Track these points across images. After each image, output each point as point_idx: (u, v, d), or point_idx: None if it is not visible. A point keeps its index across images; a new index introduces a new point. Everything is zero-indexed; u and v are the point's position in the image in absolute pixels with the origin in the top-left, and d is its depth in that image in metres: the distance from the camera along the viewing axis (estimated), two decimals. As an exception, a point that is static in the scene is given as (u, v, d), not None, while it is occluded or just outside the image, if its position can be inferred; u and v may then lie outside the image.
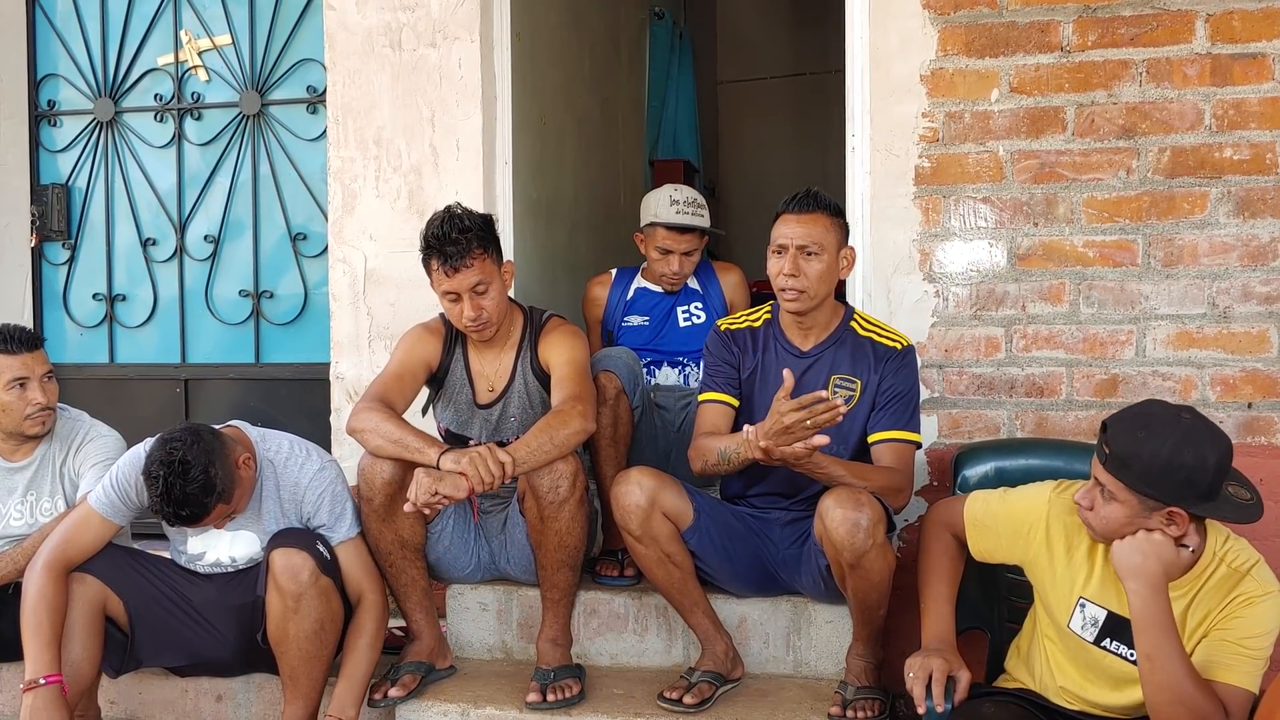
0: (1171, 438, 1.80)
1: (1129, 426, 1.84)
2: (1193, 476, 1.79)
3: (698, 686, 2.43)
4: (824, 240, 2.42)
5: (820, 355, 2.52)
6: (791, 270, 2.41)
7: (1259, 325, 2.75)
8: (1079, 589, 2.00)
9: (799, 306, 2.45)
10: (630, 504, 2.38)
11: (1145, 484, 1.80)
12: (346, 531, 2.51)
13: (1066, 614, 2.01)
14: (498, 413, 2.68)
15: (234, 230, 3.74)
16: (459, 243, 2.46)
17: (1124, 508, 1.84)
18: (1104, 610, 1.97)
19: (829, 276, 2.44)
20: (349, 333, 3.30)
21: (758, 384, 2.55)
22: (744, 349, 2.58)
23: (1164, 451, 1.79)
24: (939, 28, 2.87)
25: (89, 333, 3.88)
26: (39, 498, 2.78)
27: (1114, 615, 1.95)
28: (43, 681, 2.28)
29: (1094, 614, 1.98)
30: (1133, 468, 1.81)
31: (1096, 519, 1.90)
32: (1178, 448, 1.79)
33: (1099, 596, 1.98)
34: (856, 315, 2.57)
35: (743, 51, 7.12)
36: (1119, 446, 1.83)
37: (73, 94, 3.85)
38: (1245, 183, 2.74)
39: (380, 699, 2.49)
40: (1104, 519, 1.88)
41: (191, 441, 2.28)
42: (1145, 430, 1.82)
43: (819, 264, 2.42)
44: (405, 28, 3.23)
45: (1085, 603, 1.99)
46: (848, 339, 2.52)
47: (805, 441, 2.17)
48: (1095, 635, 1.97)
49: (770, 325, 2.59)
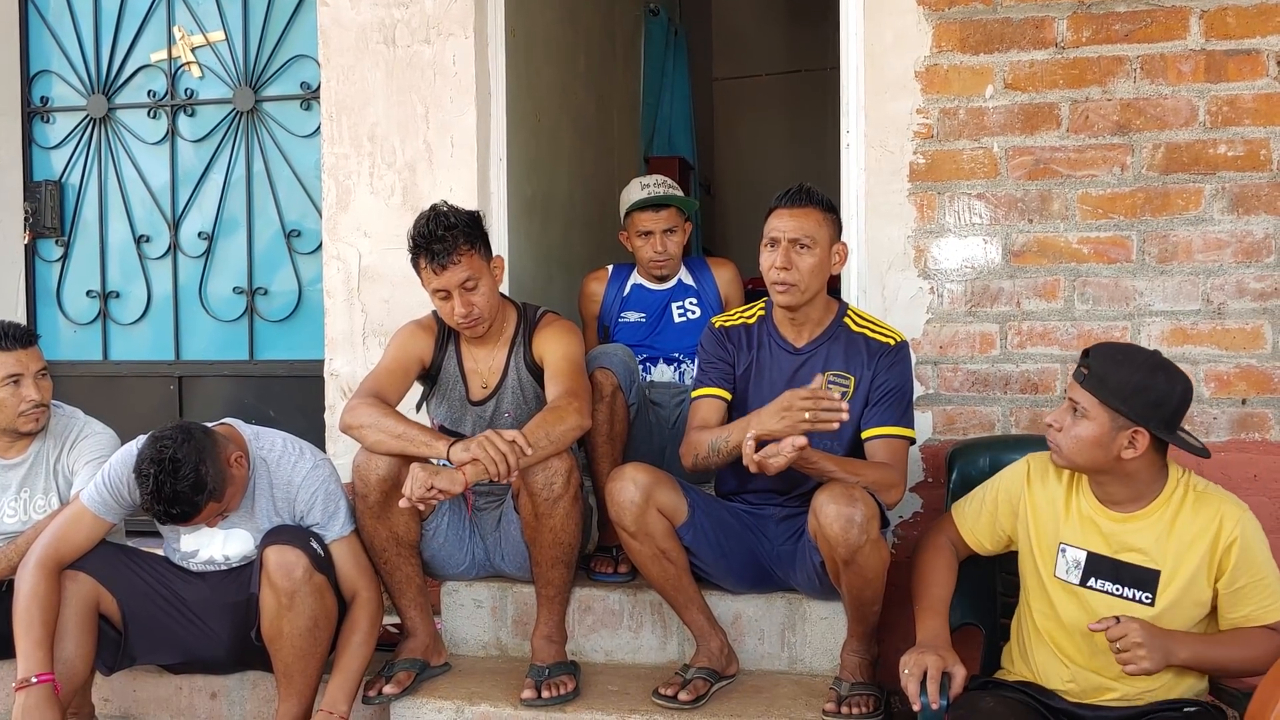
0: (1145, 365, 2.00)
1: (1109, 352, 2.04)
2: (1160, 400, 1.97)
3: (693, 683, 2.43)
4: (816, 234, 2.42)
5: (814, 351, 2.52)
6: (783, 263, 2.41)
7: (1253, 321, 2.75)
8: (1059, 534, 2.12)
9: (790, 300, 2.45)
10: (625, 500, 2.38)
11: (1119, 400, 1.97)
12: (340, 529, 2.50)
13: (1052, 564, 2.12)
14: (491, 409, 2.68)
15: (228, 227, 3.73)
16: (445, 240, 2.46)
17: (1094, 425, 1.99)
18: (1083, 551, 2.09)
19: (820, 271, 2.44)
20: (343, 329, 3.30)
21: (752, 381, 2.55)
22: (738, 346, 2.57)
23: (1138, 374, 1.98)
24: (933, 24, 2.87)
25: (83, 330, 3.87)
26: (33, 495, 2.77)
27: (1093, 555, 2.07)
28: (35, 680, 2.27)
29: (1075, 556, 2.09)
30: (1108, 384, 1.98)
31: (1065, 438, 2.03)
32: (1152, 371, 1.99)
33: (1078, 539, 2.10)
34: (850, 311, 2.57)
35: (738, 48, 7.12)
36: (1099, 366, 2.00)
37: (66, 90, 3.84)
38: (1239, 179, 2.74)
39: (375, 696, 2.49)
40: (1074, 437, 2.02)
41: (183, 440, 2.27)
42: (1123, 355, 2.03)
43: (810, 258, 2.41)
44: (399, 24, 3.22)
45: (1065, 547, 2.11)
46: (841, 335, 2.52)
47: (792, 441, 2.17)
48: (1080, 577, 2.08)
49: (764, 322, 2.58)
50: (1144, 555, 2.02)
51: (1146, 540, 2.03)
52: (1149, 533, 2.03)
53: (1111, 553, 2.05)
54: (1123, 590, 2.03)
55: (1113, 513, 2.06)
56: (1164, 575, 2.01)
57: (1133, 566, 2.03)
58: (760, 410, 2.30)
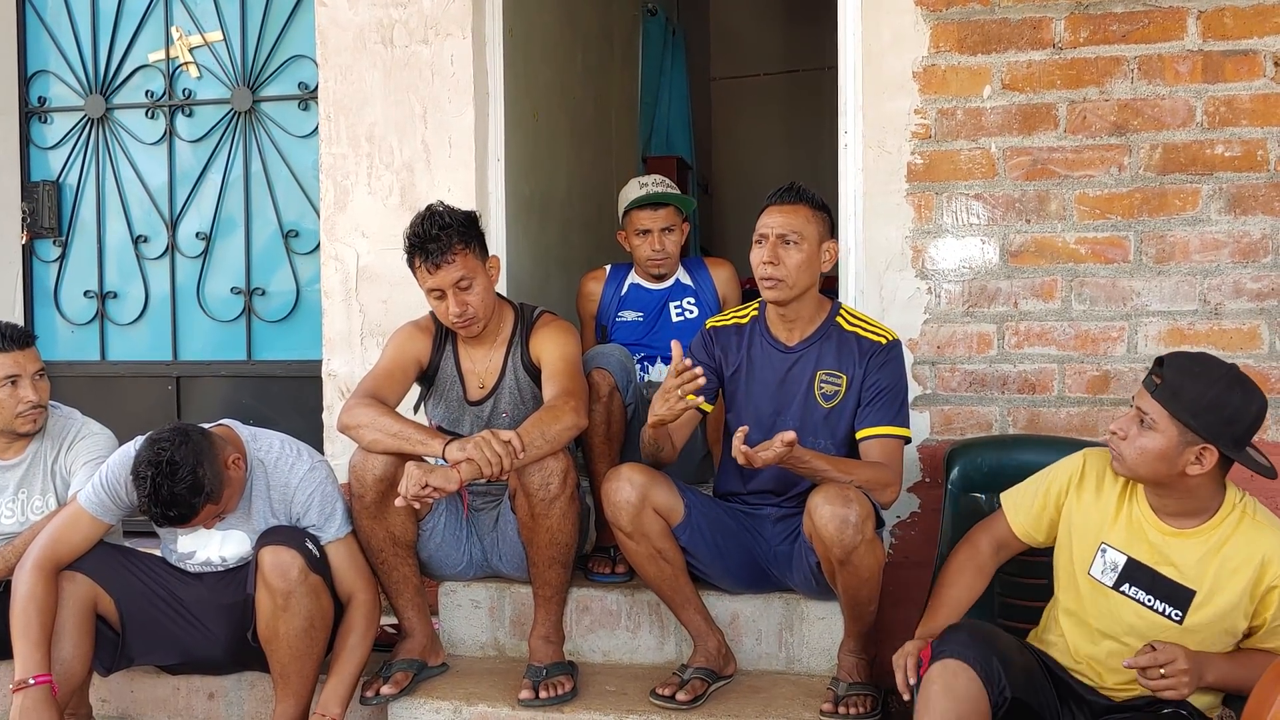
0: (1223, 379, 1.90)
1: (1185, 362, 1.94)
2: (1234, 417, 1.88)
3: (690, 683, 2.43)
4: (804, 230, 2.42)
5: (805, 350, 2.52)
6: (770, 258, 2.41)
7: (1250, 321, 2.75)
8: (1103, 534, 2.06)
9: (778, 295, 2.45)
10: (621, 500, 2.38)
11: (1191, 415, 1.88)
12: (336, 531, 2.50)
13: (1088, 561, 2.07)
14: (489, 409, 2.68)
15: (226, 227, 3.73)
16: (440, 239, 2.47)
17: (1162, 438, 1.90)
18: (1124, 555, 2.03)
19: (808, 267, 2.44)
20: (341, 330, 3.30)
21: (742, 380, 2.55)
22: (728, 347, 2.58)
23: (1215, 389, 1.89)
24: (931, 24, 2.87)
25: (80, 330, 3.87)
26: (30, 496, 2.77)
27: (1133, 560, 2.02)
28: (32, 682, 2.28)
29: (1114, 559, 2.04)
30: (1182, 398, 1.89)
31: (1130, 448, 1.95)
32: (1229, 387, 1.89)
33: (1122, 543, 2.04)
34: (843, 310, 2.57)
35: (736, 48, 7.12)
36: (1173, 377, 1.91)
37: (63, 90, 3.84)
38: (1236, 179, 2.74)
39: (372, 696, 2.49)
40: (1139, 448, 1.93)
41: (180, 442, 2.27)
42: (1201, 367, 1.93)
43: (798, 253, 2.42)
44: (397, 24, 3.22)
45: (1106, 548, 2.05)
46: (834, 334, 2.52)
47: (781, 437, 2.18)
48: (1115, 580, 2.03)
49: (757, 322, 2.59)
50: (1184, 572, 1.97)
51: (1190, 558, 1.97)
52: (1195, 551, 1.97)
53: (1152, 563, 2.00)
54: (1154, 602, 1.99)
55: (1164, 524, 2.00)
56: (1199, 596, 1.96)
57: (1169, 581, 1.98)
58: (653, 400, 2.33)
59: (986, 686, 1.90)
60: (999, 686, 1.91)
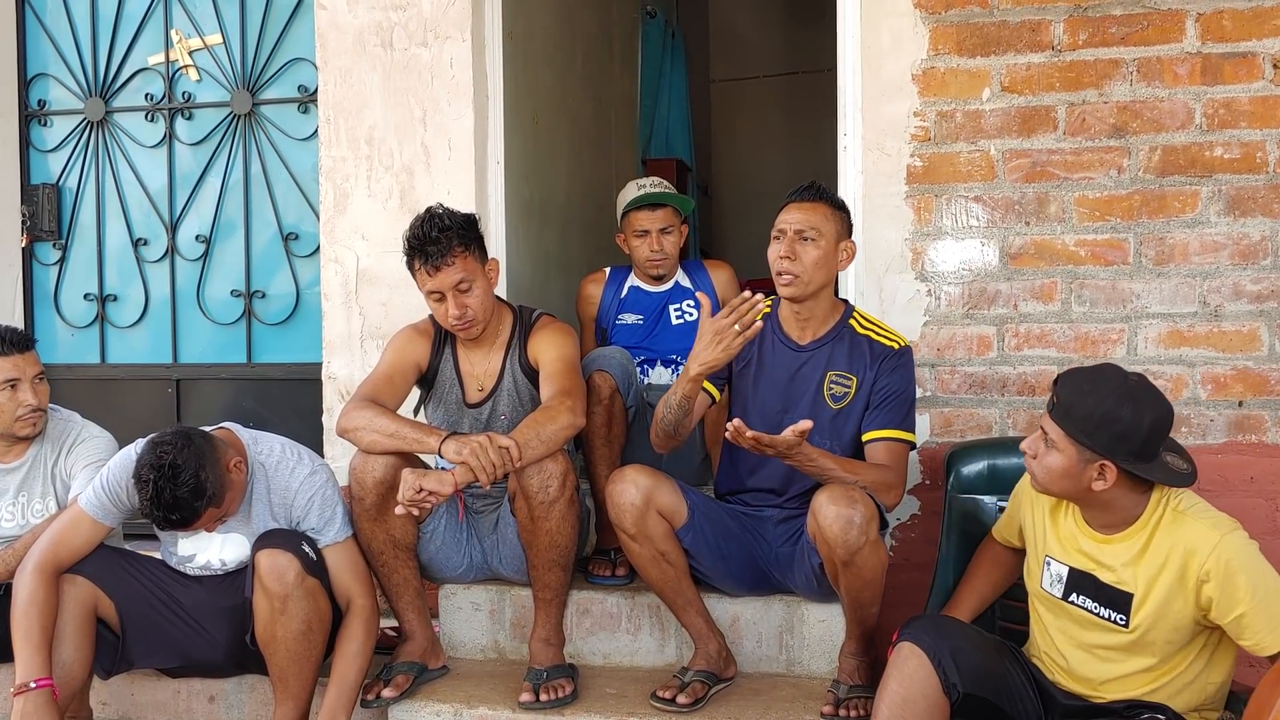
0: (1113, 395, 1.92)
1: (1078, 380, 1.97)
2: (1127, 432, 1.90)
3: (691, 686, 2.43)
4: (822, 227, 2.43)
5: (817, 350, 2.52)
6: (787, 253, 2.42)
7: (1249, 324, 2.75)
8: (1046, 547, 2.11)
9: (793, 291, 2.45)
10: (625, 502, 2.38)
11: (1083, 434, 1.91)
12: (336, 534, 2.50)
13: (1038, 575, 2.12)
14: (487, 411, 2.68)
15: (225, 230, 3.73)
16: (439, 242, 2.47)
17: (1062, 457, 1.95)
18: (1065, 566, 2.06)
19: (825, 264, 2.44)
20: (341, 332, 3.30)
21: (752, 377, 2.56)
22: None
23: (1104, 405, 1.91)
24: (930, 27, 2.88)
25: (80, 333, 3.87)
26: (30, 499, 2.77)
27: (1075, 571, 2.05)
28: (33, 685, 2.28)
29: (1058, 570, 2.08)
30: (1073, 417, 1.93)
31: (1039, 467, 2.01)
32: (1118, 403, 1.91)
33: (1061, 554, 2.08)
34: (856, 313, 2.57)
35: (735, 50, 7.12)
36: (1065, 397, 1.95)
37: (63, 93, 3.84)
38: (1236, 181, 2.74)
39: (373, 699, 2.49)
40: (1045, 467, 1.99)
41: (182, 445, 2.27)
42: (1091, 384, 1.95)
43: (815, 250, 2.42)
44: (397, 27, 3.22)
45: (1050, 560, 2.10)
46: (846, 335, 2.52)
47: (791, 427, 2.19)
48: (1063, 591, 2.06)
49: (769, 319, 2.59)
50: (1118, 577, 1.98)
51: (1120, 562, 1.98)
52: (1124, 554, 1.98)
53: (1090, 570, 2.02)
54: (1100, 609, 2.00)
55: (1094, 532, 2.03)
56: (1136, 598, 1.95)
57: (1109, 587, 1.99)
58: (694, 347, 2.32)
59: (938, 672, 1.95)
60: (949, 675, 1.95)
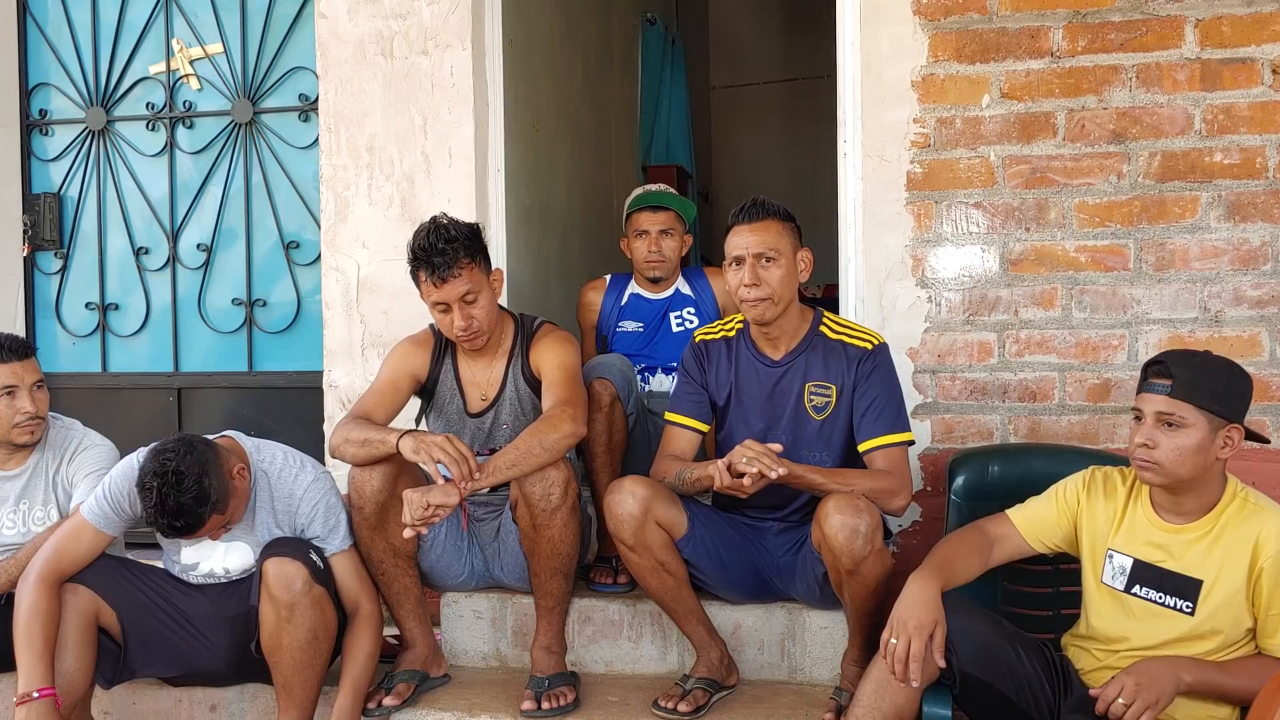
0: (1220, 363, 2.01)
1: (1183, 359, 2.01)
2: (1245, 391, 2.01)
3: (692, 694, 2.43)
4: (779, 245, 2.40)
5: (792, 363, 2.49)
6: (751, 280, 2.38)
7: (1250, 329, 2.76)
8: (1109, 540, 2.11)
9: (764, 314, 2.41)
10: (623, 514, 2.38)
11: (1215, 401, 1.96)
12: (340, 542, 2.50)
13: (1100, 570, 2.12)
14: (489, 421, 2.68)
15: (226, 239, 3.74)
16: (446, 253, 2.46)
17: (1196, 432, 1.95)
18: (1130, 558, 2.07)
19: (789, 281, 2.42)
20: (342, 341, 3.30)
21: (733, 396, 2.54)
22: (718, 362, 2.56)
23: (1223, 372, 1.99)
24: (929, 33, 2.88)
25: (81, 342, 3.87)
26: (31, 507, 2.77)
27: (1139, 562, 2.06)
28: (36, 695, 2.27)
29: (1121, 563, 2.09)
30: (1201, 388, 1.96)
31: (1165, 453, 1.97)
32: (1229, 369, 2.01)
33: (1126, 546, 2.09)
34: (825, 318, 2.53)
35: (735, 57, 7.14)
36: (1184, 373, 1.97)
37: (64, 103, 3.84)
38: (1235, 187, 2.75)
39: (375, 708, 2.48)
40: (1176, 449, 1.96)
41: (185, 452, 2.27)
42: (1198, 359, 2.01)
43: (778, 269, 2.39)
44: (397, 35, 3.23)
45: (1113, 553, 2.10)
46: (819, 344, 2.49)
47: (767, 445, 2.21)
48: (1125, 583, 2.07)
49: (742, 335, 2.56)
50: (1189, 565, 2.00)
51: (1194, 550, 2.01)
52: (1198, 543, 2.01)
53: (1157, 561, 2.04)
54: (1165, 598, 2.02)
55: (1166, 523, 2.05)
56: (1205, 585, 1.98)
57: (1176, 575, 2.01)
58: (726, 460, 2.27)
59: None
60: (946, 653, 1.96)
